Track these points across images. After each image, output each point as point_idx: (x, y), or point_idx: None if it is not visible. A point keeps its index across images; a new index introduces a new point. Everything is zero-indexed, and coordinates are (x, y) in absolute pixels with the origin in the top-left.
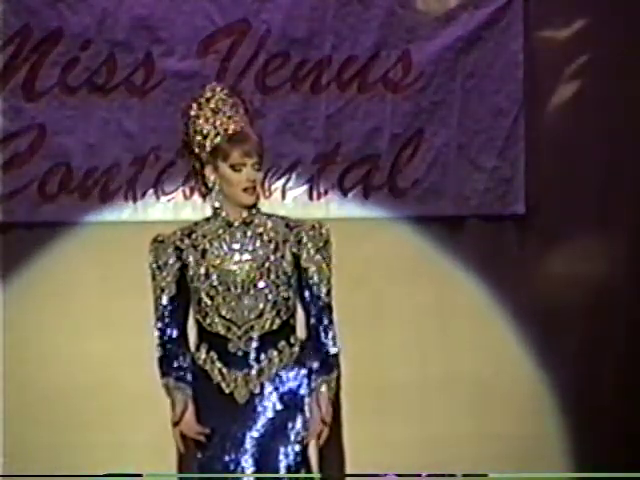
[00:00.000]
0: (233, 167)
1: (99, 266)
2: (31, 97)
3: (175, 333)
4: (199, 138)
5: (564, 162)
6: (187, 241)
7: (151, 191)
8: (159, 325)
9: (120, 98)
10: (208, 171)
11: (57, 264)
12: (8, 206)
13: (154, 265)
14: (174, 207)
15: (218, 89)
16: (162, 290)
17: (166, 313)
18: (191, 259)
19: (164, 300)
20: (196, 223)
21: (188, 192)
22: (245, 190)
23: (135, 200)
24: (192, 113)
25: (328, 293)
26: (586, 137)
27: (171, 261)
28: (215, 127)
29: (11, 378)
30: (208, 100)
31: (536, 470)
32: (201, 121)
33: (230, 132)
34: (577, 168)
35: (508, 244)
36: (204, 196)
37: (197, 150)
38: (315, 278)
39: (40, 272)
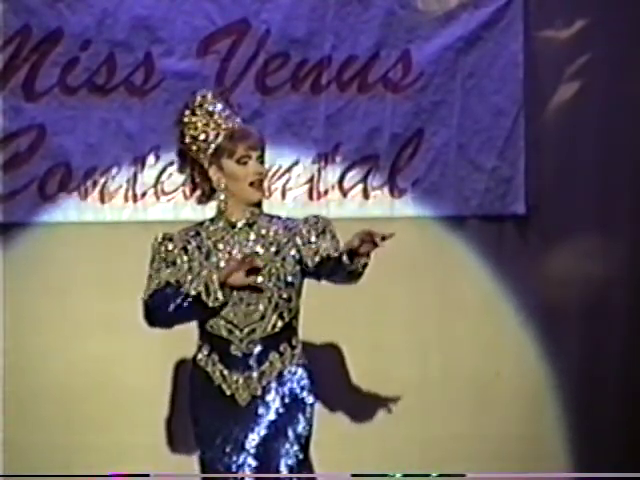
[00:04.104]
0: (239, 161)
1: (99, 266)
2: (31, 97)
3: None
4: (199, 142)
5: (564, 162)
6: (194, 243)
7: (151, 191)
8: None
9: (120, 98)
10: (212, 172)
11: (57, 264)
12: (8, 206)
13: (162, 260)
14: (174, 207)
15: (208, 94)
16: (177, 282)
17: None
18: (196, 261)
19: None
20: (201, 224)
21: (188, 192)
22: (252, 184)
23: (135, 200)
24: (186, 120)
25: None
26: (586, 137)
27: (180, 259)
28: (214, 128)
29: (10, 378)
30: (201, 105)
31: (536, 470)
32: (199, 125)
33: (231, 130)
34: (577, 168)
35: (508, 244)
36: (205, 201)
37: (199, 154)
38: (311, 253)
39: (40, 272)
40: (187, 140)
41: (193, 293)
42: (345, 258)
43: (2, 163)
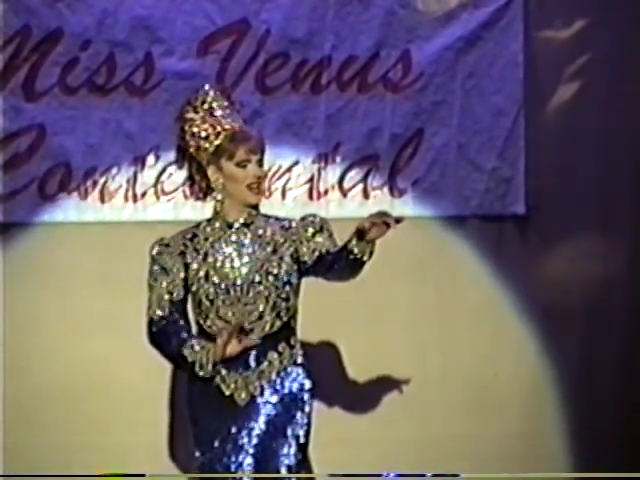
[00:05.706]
0: (238, 164)
1: (99, 266)
2: (31, 97)
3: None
4: (199, 141)
5: (564, 162)
6: (190, 245)
7: (151, 191)
8: (160, 314)
9: (120, 98)
10: (211, 171)
11: (57, 264)
12: (8, 206)
13: (159, 268)
14: (174, 207)
15: (210, 92)
16: (170, 293)
17: (172, 310)
18: (194, 263)
19: (166, 302)
20: (198, 225)
21: (188, 192)
22: (250, 187)
23: (135, 200)
24: (188, 117)
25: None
26: (586, 137)
27: (177, 267)
28: (215, 128)
29: (10, 378)
30: (203, 103)
31: (535, 470)
32: (199, 123)
33: (232, 131)
34: (577, 168)
35: (508, 244)
36: (203, 198)
37: (199, 152)
38: (309, 250)
39: (40, 272)
40: (187, 137)
41: (189, 359)
42: (354, 242)
43: (2, 163)
